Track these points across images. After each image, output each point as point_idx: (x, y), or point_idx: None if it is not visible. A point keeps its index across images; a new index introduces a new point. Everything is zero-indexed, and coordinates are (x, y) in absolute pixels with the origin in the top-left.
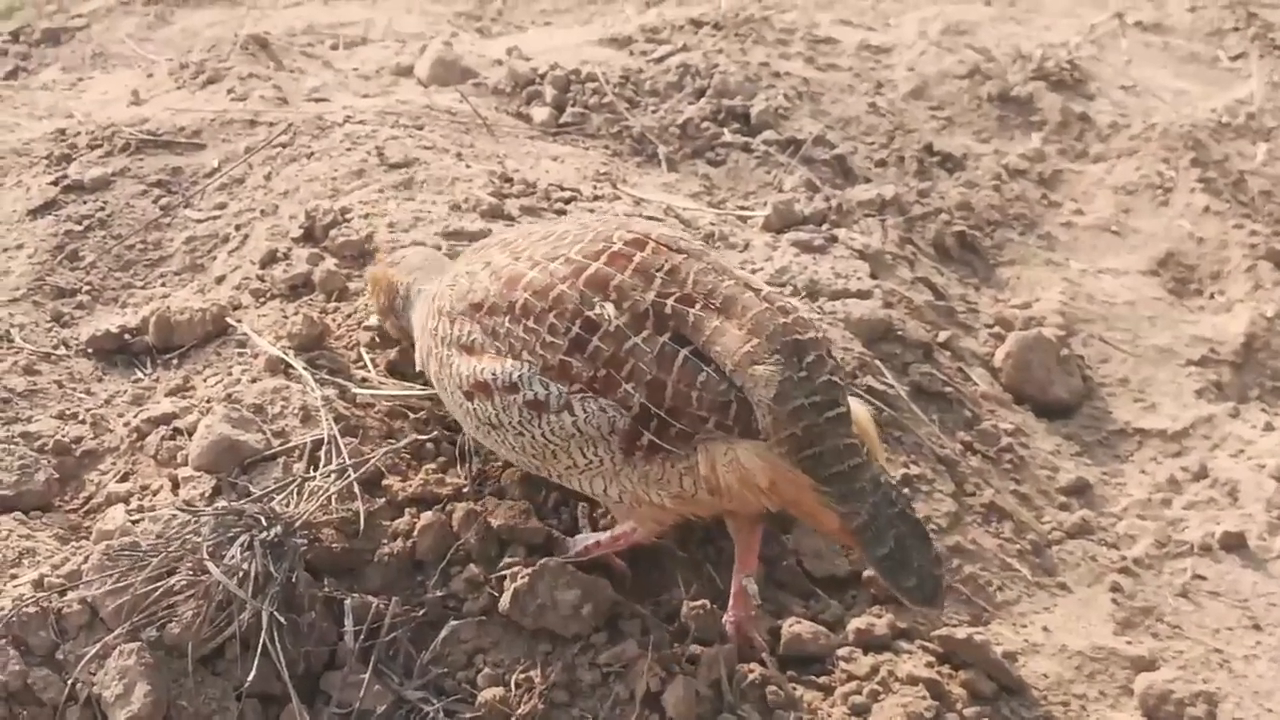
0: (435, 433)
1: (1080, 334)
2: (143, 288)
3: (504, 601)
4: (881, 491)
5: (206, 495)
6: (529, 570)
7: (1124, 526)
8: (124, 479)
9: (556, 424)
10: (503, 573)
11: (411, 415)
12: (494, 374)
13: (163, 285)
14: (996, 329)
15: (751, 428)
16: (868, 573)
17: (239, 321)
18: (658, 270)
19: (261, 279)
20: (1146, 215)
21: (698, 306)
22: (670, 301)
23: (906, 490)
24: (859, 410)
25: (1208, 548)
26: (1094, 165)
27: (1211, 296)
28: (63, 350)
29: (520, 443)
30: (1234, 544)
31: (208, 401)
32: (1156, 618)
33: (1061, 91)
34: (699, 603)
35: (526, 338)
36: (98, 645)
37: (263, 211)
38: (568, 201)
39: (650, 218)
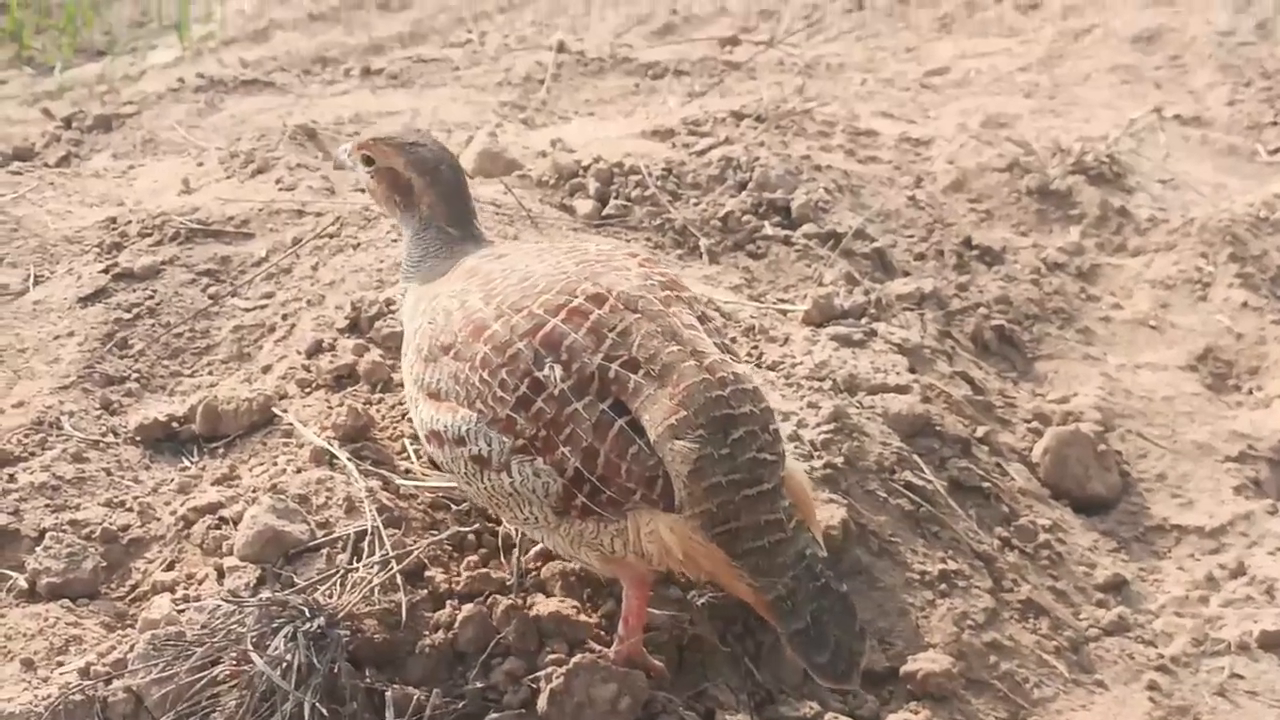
0: (477, 524)
1: (1118, 429)
2: (190, 376)
3: (541, 703)
4: (805, 565)
5: (251, 585)
6: (564, 670)
7: (1161, 624)
8: (170, 567)
9: (496, 481)
10: (538, 674)
11: (454, 507)
12: (445, 426)
13: (210, 374)
14: (1034, 424)
15: (673, 501)
16: (905, 668)
17: (284, 411)
18: (610, 330)
19: (307, 369)
20: (1185, 310)
21: (639, 373)
22: (615, 366)
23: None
24: (797, 477)
25: (1245, 646)
26: (1132, 259)
27: (1250, 392)
28: (111, 438)
29: (470, 491)
30: (1272, 643)
31: (253, 491)
32: (1194, 717)
33: (1100, 185)
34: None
35: (482, 389)
36: None
37: (309, 301)
38: None
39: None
